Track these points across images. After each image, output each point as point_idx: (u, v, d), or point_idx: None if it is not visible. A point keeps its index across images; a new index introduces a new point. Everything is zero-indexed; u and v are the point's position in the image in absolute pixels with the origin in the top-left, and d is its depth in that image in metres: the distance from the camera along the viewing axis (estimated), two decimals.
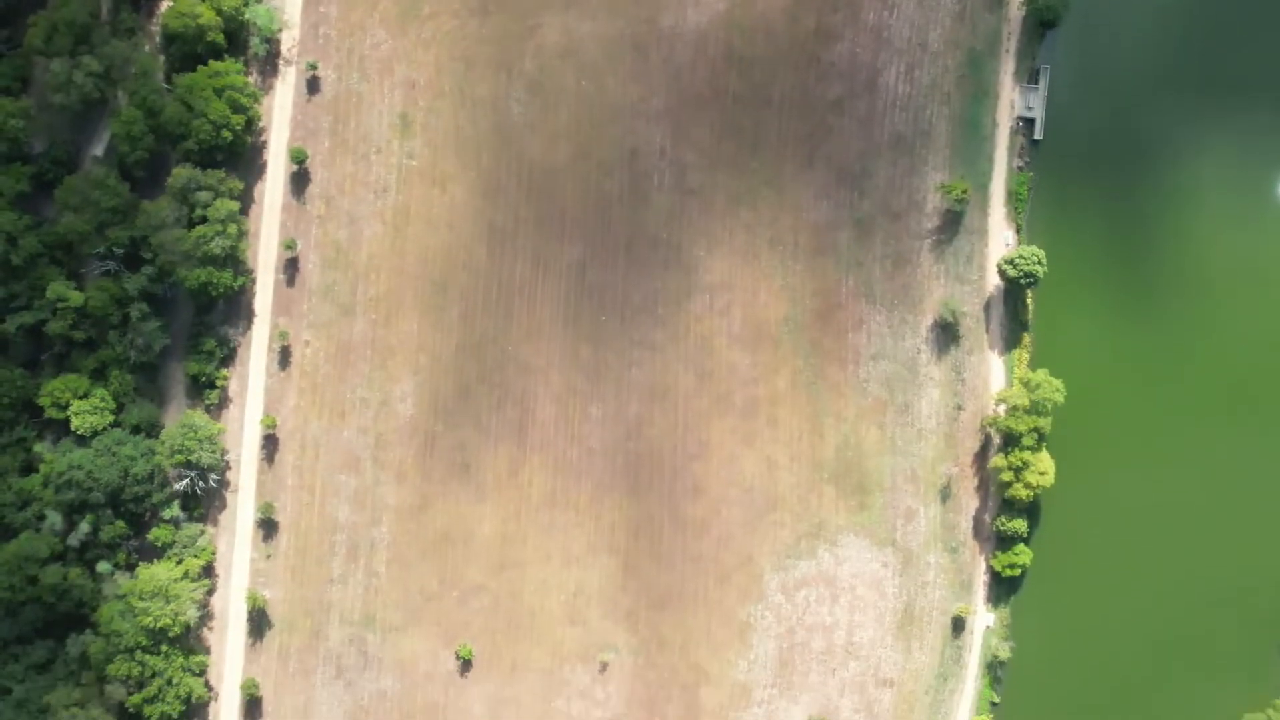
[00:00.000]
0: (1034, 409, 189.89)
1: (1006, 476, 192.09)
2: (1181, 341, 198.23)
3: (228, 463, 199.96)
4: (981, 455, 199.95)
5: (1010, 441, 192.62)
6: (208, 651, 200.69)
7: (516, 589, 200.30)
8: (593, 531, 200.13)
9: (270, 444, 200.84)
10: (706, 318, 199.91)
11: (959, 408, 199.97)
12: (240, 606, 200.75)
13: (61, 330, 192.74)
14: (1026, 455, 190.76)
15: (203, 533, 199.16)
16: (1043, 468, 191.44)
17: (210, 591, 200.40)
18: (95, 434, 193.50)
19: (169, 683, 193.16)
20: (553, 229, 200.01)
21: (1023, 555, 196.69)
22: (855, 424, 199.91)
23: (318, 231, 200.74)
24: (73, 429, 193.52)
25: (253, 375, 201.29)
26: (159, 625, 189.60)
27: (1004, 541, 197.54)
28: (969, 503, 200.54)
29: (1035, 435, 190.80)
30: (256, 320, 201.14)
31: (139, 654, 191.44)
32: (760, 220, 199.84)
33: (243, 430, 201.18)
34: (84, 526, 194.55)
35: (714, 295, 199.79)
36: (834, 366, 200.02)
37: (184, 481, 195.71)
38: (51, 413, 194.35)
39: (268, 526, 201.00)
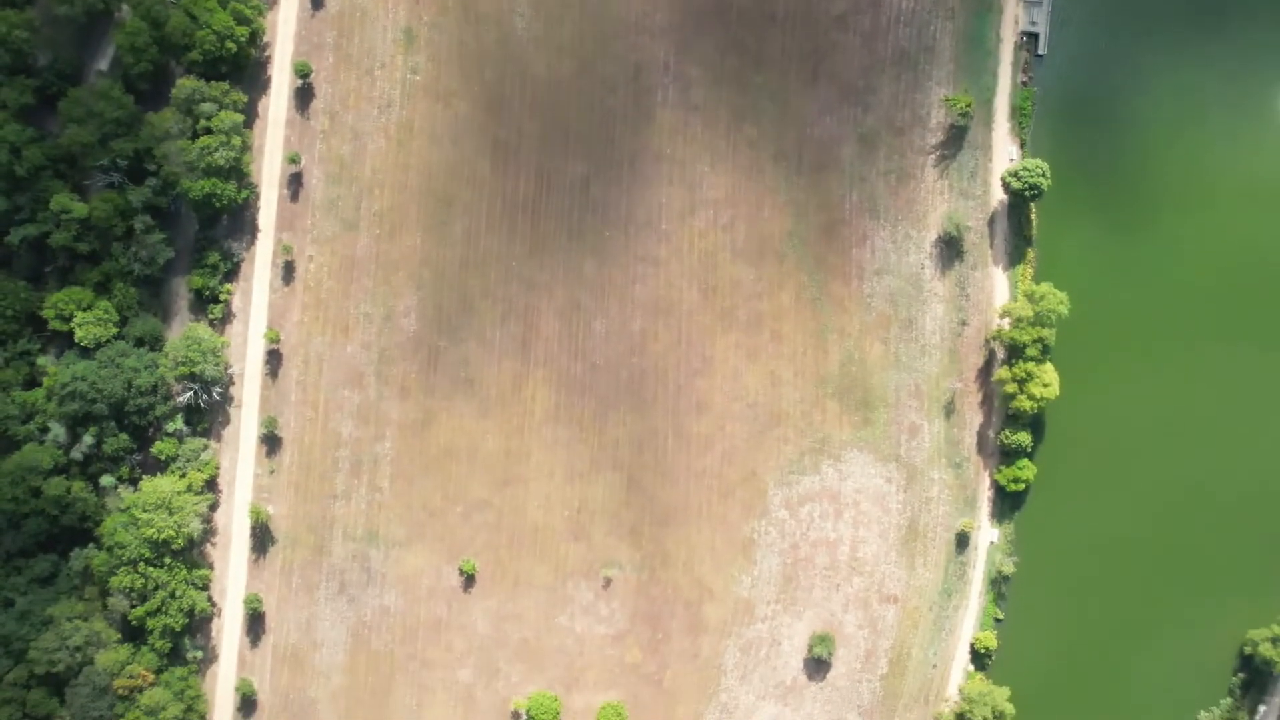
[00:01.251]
0: (1038, 320, 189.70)
1: (1010, 389, 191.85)
2: (1184, 254, 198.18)
3: (231, 377, 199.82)
4: (985, 371, 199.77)
5: (1014, 353, 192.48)
6: (210, 567, 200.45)
7: (520, 504, 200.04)
8: (596, 447, 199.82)
9: (274, 359, 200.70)
10: (710, 233, 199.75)
11: (963, 323, 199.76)
12: (243, 521, 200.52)
13: (65, 242, 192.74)
14: (1030, 367, 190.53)
15: (206, 447, 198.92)
16: (1046, 379, 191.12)
17: (213, 506, 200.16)
18: (99, 346, 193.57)
19: (172, 595, 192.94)
20: (556, 144, 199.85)
21: (1026, 470, 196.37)
22: (859, 339, 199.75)
23: (321, 146, 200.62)
24: (76, 341, 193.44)
25: (256, 290, 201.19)
26: (162, 537, 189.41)
27: (1008, 456, 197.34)
28: (973, 418, 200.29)
29: (1039, 347, 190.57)
30: (260, 235, 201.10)
31: (142, 566, 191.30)
32: (764, 136, 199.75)
33: (246, 345, 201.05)
34: (87, 439, 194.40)
35: (718, 210, 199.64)
36: (838, 282, 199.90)
37: (187, 394, 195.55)
38: (55, 325, 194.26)
39: (271, 442, 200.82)
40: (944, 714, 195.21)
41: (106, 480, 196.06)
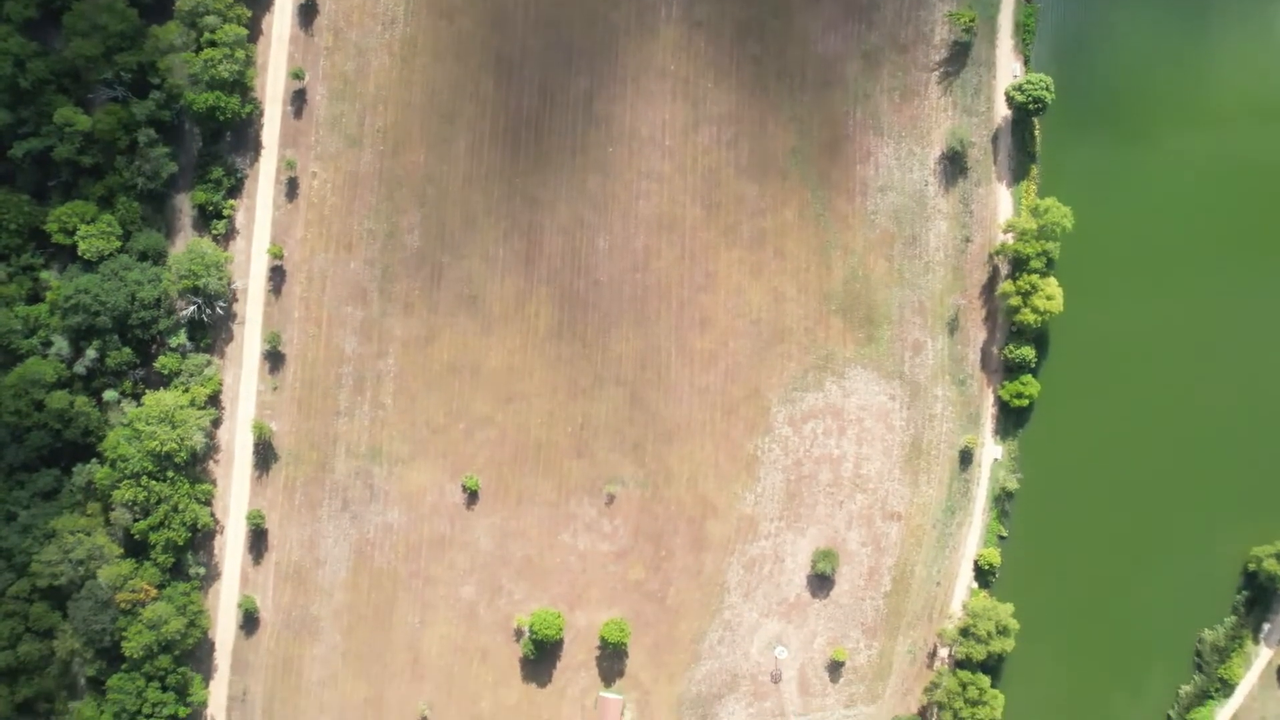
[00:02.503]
0: (1042, 234, 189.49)
1: (1014, 302, 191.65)
2: (1187, 168, 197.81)
3: (234, 292, 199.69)
4: (989, 287, 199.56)
5: (1018, 266, 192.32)
6: (213, 484, 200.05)
7: (523, 421, 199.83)
8: (599, 363, 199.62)
9: (277, 276, 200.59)
10: (714, 149, 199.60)
11: (967, 240, 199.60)
12: (246, 437, 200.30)
13: (68, 154, 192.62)
14: (1034, 280, 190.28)
15: (209, 363, 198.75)
16: (1050, 292, 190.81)
17: (216, 422, 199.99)
18: (101, 259, 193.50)
19: (174, 509, 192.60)
20: (559, 60, 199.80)
21: (1030, 386, 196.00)
22: (863, 256, 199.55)
23: (325, 63, 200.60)
24: (79, 254, 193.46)
25: (260, 207, 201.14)
26: (165, 450, 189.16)
27: (1012, 371, 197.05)
28: (977, 335, 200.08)
29: (1043, 260, 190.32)
30: (264, 152, 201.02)
31: (145, 480, 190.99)
32: (768, 52, 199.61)
33: (249, 261, 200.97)
34: (90, 353, 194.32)
35: (721, 127, 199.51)
36: (842, 198, 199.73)
37: (191, 308, 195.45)
38: (58, 238, 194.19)
39: (274, 359, 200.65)
40: (948, 630, 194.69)
41: (109, 395, 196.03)
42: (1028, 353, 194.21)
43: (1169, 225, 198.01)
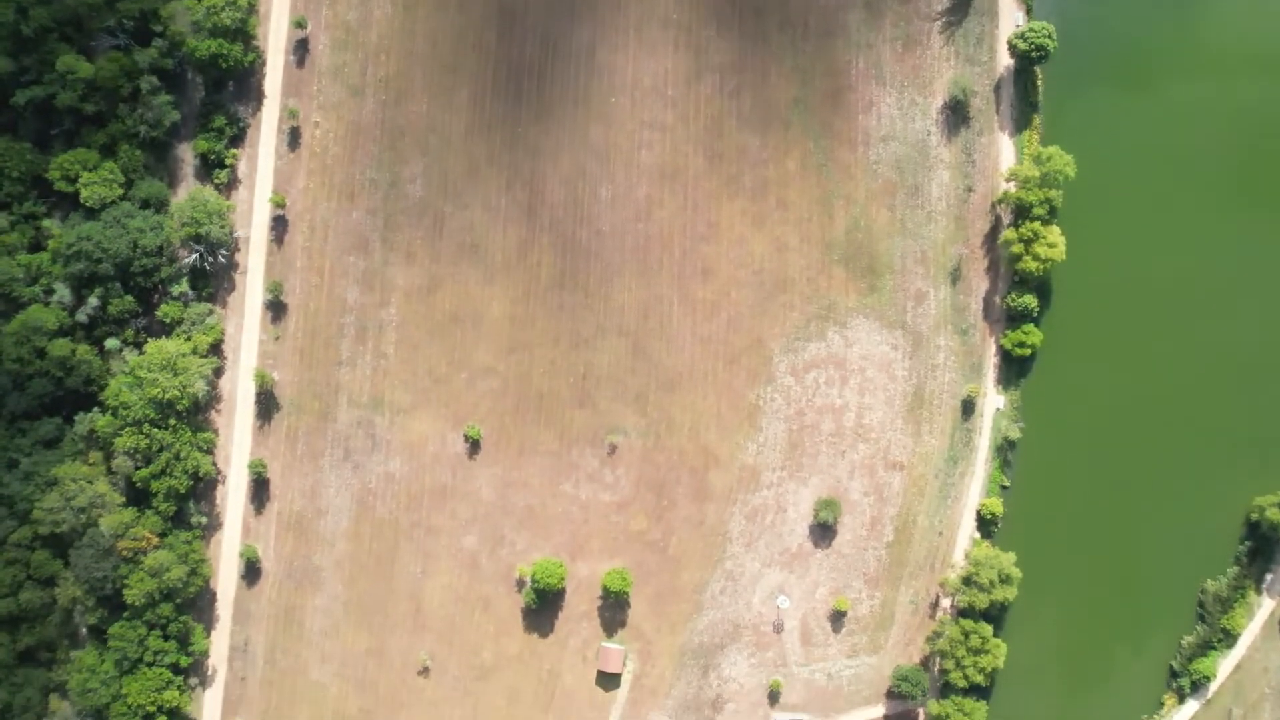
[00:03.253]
0: (1044, 182, 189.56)
1: (1017, 249, 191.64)
2: (1190, 117, 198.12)
3: (236, 241, 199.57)
4: (991, 237, 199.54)
5: (1021, 214, 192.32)
6: (215, 434, 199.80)
7: (525, 371, 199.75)
8: (601, 313, 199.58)
9: (279, 225, 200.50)
10: (716, 99, 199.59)
11: (969, 189, 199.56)
12: (248, 387, 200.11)
13: (71, 102, 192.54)
14: (1036, 227, 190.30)
15: (211, 312, 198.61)
16: (1053, 240, 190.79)
17: (218, 371, 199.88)
18: (104, 207, 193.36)
19: (176, 457, 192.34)
20: (562, 10, 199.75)
21: (1032, 335, 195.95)
22: (865, 206, 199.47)
23: (328, 12, 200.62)
24: (81, 202, 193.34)
25: (262, 156, 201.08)
26: (167, 398, 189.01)
27: (1014, 320, 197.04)
28: (979, 285, 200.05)
29: (1046, 207, 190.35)
30: (266, 101, 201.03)
31: (146, 428, 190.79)
32: (770, 2, 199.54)
33: (251, 211, 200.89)
34: (92, 300, 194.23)
35: (724, 77, 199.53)
36: (844, 148, 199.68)
37: (193, 257, 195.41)
38: (60, 185, 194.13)
39: (276, 309, 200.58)
40: (950, 579, 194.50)
41: (111, 343, 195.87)
42: (1030, 301, 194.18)
43: (1171, 173, 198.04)
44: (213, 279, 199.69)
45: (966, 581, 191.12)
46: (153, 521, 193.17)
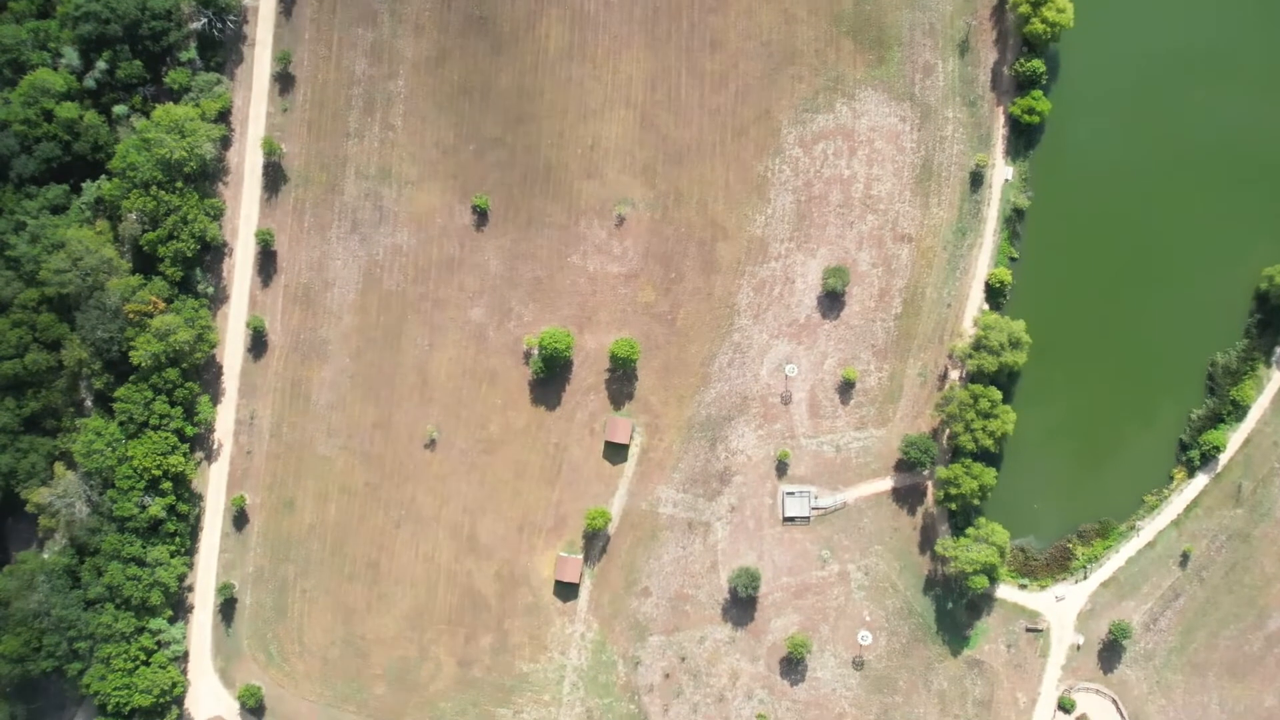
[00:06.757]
0: None
1: (1024, 10, 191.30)
2: None
3: (245, 10, 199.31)
4: (999, 8, 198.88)
5: None
6: (223, 205, 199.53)
7: (533, 143, 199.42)
8: (609, 85, 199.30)
9: None
10: None
11: None
12: (256, 159, 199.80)
13: None
14: None
15: (219, 81, 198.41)
16: (1061, 4, 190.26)
17: (226, 143, 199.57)
18: None
19: (184, 220, 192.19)
20: None
21: (1041, 102, 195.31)
22: None
23: None
24: None
25: None
26: (175, 158, 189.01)
27: (1023, 86, 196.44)
28: (987, 55, 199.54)
29: None
30: None
31: (154, 189, 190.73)
32: None
33: None
34: (101, 64, 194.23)
35: None
36: None
37: (201, 21, 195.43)
38: None
39: (284, 80, 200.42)
40: (960, 345, 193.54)
41: (119, 109, 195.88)
42: (1038, 66, 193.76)
43: None
44: (221, 49, 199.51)
45: (976, 346, 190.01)
46: (160, 286, 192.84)
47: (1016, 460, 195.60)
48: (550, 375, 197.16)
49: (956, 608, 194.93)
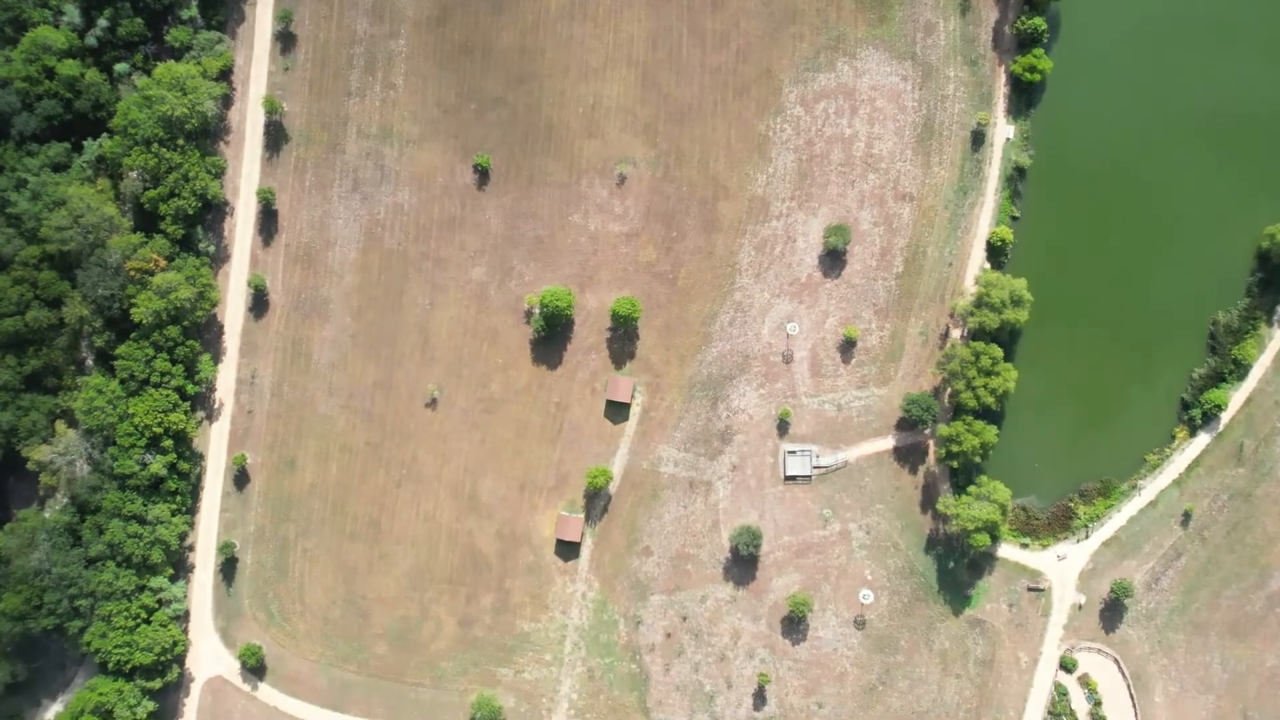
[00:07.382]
0: None
1: None
2: None
3: None
4: None
5: None
6: (225, 163, 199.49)
7: (534, 102, 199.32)
8: (611, 44, 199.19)
9: None
10: None
11: None
12: (257, 118, 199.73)
13: None
14: None
15: (220, 40, 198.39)
16: None
17: (227, 102, 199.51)
18: None
19: (185, 178, 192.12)
20: None
21: (1042, 61, 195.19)
22: None
23: None
24: None
25: None
26: (176, 115, 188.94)
27: (1024, 44, 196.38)
28: (988, 14, 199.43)
29: None
30: None
31: (155, 146, 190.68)
32: None
33: None
34: (102, 21, 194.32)
35: None
36: None
37: None
38: None
39: (285, 39, 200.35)
40: (961, 303, 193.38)
41: (120, 67, 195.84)
42: (1039, 23, 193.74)
43: None
44: (222, 7, 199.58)
45: (978, 303, 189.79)
46: (161, 244, 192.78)
47: (1018, 419, 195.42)
48: (551, 334, 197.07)
49: (958, 567, 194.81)
